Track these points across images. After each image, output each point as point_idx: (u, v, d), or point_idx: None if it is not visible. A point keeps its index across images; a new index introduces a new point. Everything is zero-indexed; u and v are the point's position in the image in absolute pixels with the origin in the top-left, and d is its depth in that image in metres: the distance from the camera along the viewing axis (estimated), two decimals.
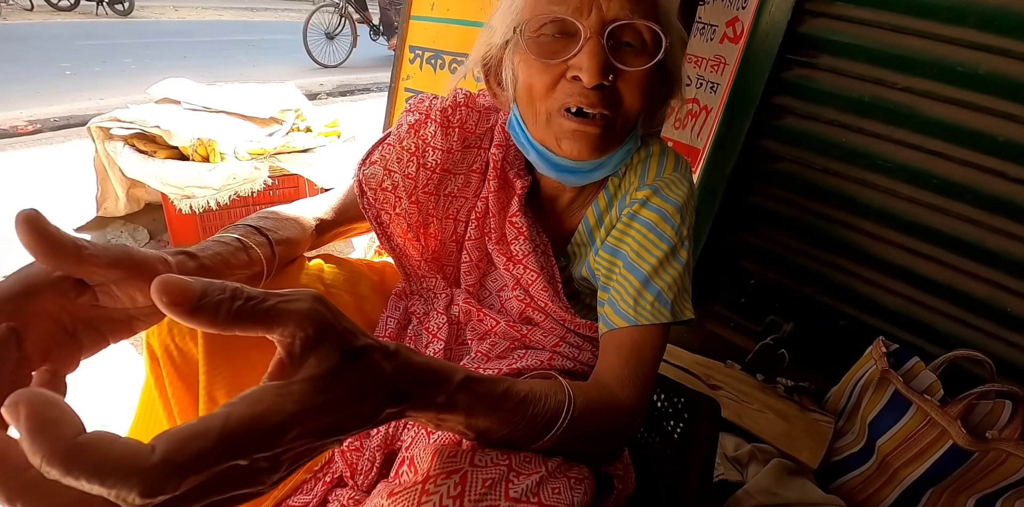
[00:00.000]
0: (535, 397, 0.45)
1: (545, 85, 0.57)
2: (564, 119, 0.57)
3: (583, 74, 0.54)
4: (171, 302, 0.24)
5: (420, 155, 0.68)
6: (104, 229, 2.08)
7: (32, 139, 3.27)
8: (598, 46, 0.54)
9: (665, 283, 0.61)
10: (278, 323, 0.27)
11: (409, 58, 1.57)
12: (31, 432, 0.21)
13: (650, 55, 0.56)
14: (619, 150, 0.63)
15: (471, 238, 0.72)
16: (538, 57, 0.56)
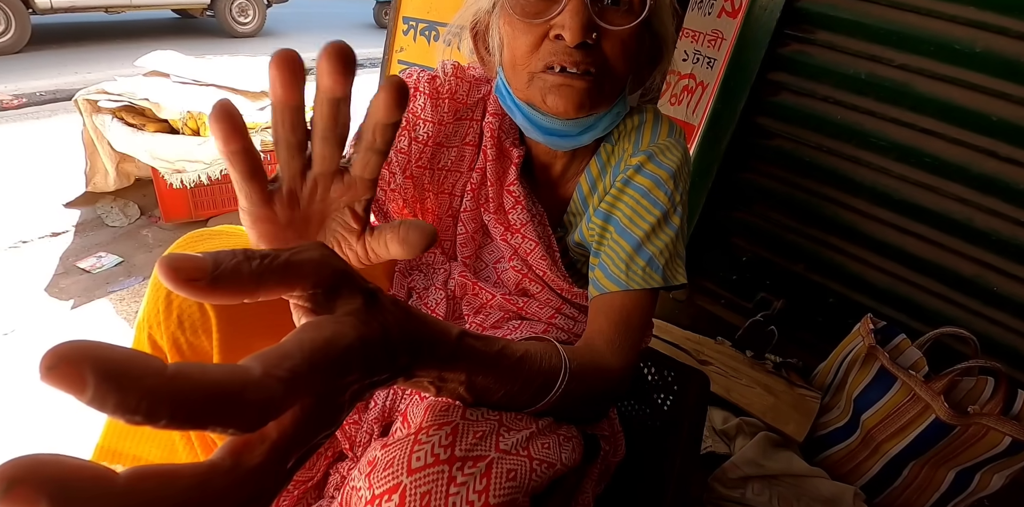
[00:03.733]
0: (531, 357, 0.45)
1: (529, 45, 0.56)
2: (548, 75, 0.56)
3: (565, 32, 0.53)
4: (186, 278, 0.22)
5: (411, 129, 0.67)
6: (94, 204, 2.05)
7: (18, 113, 3.20)
8: (580, 4, 0.52)
9: (657, 248, 0.61)
10: (298, 275, 0.26)
11: (403, 29, 1.54)
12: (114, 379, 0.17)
13: (635, 14, 0.55)
14: (607, 113, 0.62)
15: (466, 209, 0.71)
16: (521, 17, 0.56)
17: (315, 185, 0.37)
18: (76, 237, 1.93)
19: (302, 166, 0.35)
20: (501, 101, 0.66)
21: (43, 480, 0.16)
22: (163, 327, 0.56)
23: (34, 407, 1.17)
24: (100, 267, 1.74)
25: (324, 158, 0.35)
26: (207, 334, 0.57)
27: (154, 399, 0.18)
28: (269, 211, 0.36)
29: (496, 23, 0.60)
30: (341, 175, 0.36)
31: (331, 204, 0.38)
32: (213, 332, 0.57)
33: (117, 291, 1.59)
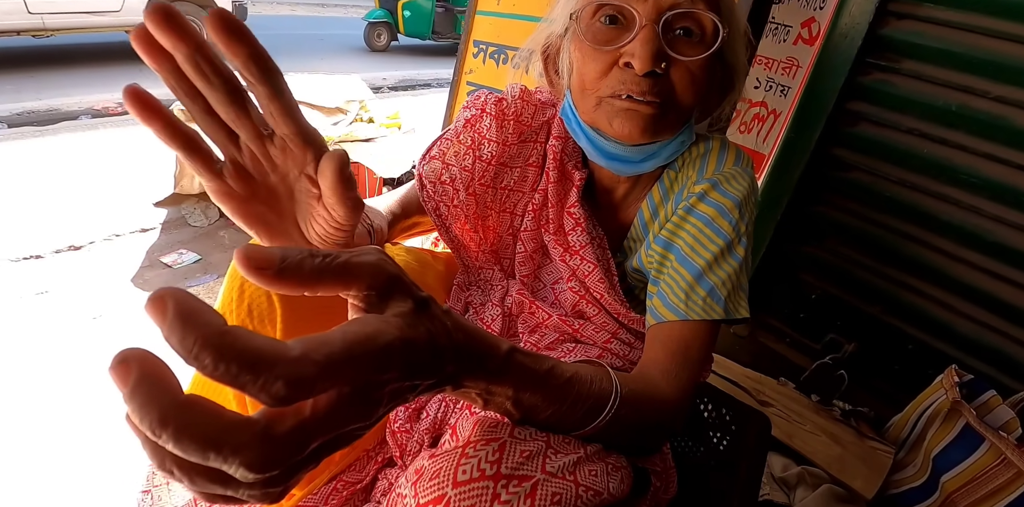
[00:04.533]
0: (580, 379, 0.44)
1: (598, 71, 0.57)
2: (615, 100, 0.57)
3: (635, 61, 0.53)
4: (257, 267, 0.25)
5: (476, 148, 0.69)
6: (179, 205, 2.22)
7: (121, 119, 3.54)
8: (652, 34, 0.53)
9: (719, 279, 0.59)
10: (354, 275, 0.28)
11: (473, 52, 1.59)
12: (183, 319, 0.21)
13: (706, 45, 0.55)
14: (671, 141, 0.61)
15: (527, 229, 0.72)
16: (592, 43, 0.56)
17: (252, 153, 0.39)
18: (162, 234, 2.09)
19: (226, 134, 0.37)
20: (567, 124, 0.66)
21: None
22: (235, 314, 0.60)
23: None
24: (181, 263, 1.88)
25: (235, 122, 0.36)
26: (272, 323, 0.59)
27: (204, 345, 0.20)
28: (225, 185, 0.39)
29: (567, 47, 0.62)
30: (270, 139, 0.38)
31: (286, 174, 0.40)
32: (277, 322, 0.59)
33: (194, 286, 1.70)
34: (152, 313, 0.21)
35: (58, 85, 4.20)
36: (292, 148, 0.38)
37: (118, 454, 1.09)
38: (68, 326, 1.52)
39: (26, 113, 3.59)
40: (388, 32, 7.37)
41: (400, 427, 0.62)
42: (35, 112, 3.62)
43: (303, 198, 0.42)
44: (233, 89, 0.35)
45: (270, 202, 0.42)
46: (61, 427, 1.15)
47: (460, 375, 0.33)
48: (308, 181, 0.40)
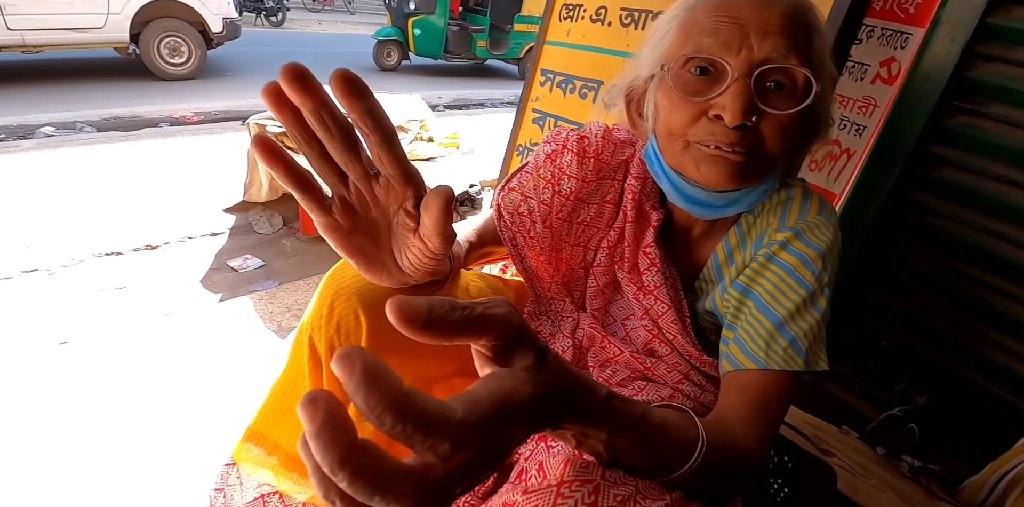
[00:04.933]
0: (669, 426, 0.44)
1: (686, 120, 0.57)
2: (703, 146, 0.57)
3: (725, 114, 0.53)
4: (407, 319, 0.27)
5: (556, 183, 0.71)
6: (247, 212, 2.35)
7: (197, 128, 3.78)
8: (744, 87, 0.53)
9: (801, 330, 0.58)
10: (488, 327, 0.30)
11: (540, 80, 1.63)
12: (369, 380, 0.23)
13: (798, 99, 0.55)
14: (756, 189, 0.61)
15: (600, 264, 0.73)
16: (682, 94, 0.57)
17: (359, 191, 0.43)
18: (229, 239, 2.21)
19: (338, 175, 0.41)
20: (648, 165, 0.67)
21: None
22: (323, 331, 0.63)
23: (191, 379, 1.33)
24: (245, 267, 1.97)
25: (345, 164, 0.41)
26: (357, 341, 0.62)
27: (387, 407, 0.23)
28: (333, 220, 0.43)
29: (653, 92, 0.62)
30: (376, 178, 0.42)
31: (386, 209, 0.44)
32: (362, 341, 0.62)
33: (257, 291, 1.78)
34: (340, 370, 0.23)
35: (142, 95, 4.54)
36: (395, 186, 0.42)
37: (186, 447, 1.14)
38: (142, 321, 1.62)
39: (113, 119, 3.89)
40: (399, 51, 7.08)
41: None
42: (121, 118, 3.92)
43: (399, 230, 0.45)
44: (349, 138, 0.39)
45: (370, 234, 0.46)
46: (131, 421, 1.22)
47: (562, 419, 0.35)
48: (406, 215, 0.44)
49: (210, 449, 1.12)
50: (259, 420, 0.73)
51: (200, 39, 5.09)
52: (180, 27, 4.90)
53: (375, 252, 0.47)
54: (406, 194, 0.43)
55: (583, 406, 0.36)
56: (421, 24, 6.74)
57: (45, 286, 1.79)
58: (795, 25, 0.55)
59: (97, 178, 2.67)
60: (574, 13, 1.58)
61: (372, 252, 0.47)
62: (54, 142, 3.19)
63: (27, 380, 1.31)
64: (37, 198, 2.40)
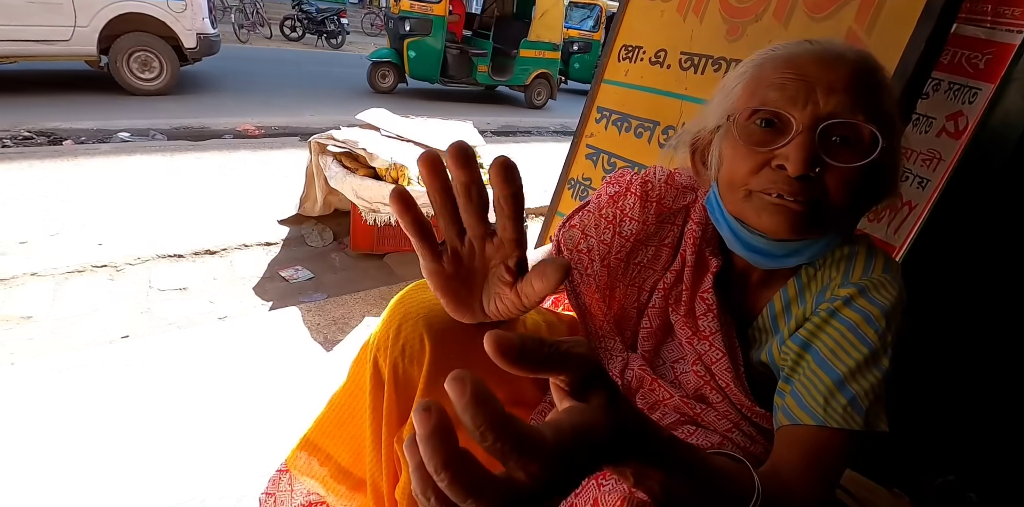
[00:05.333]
0: (725, 473, 0.45)
1: (749, 170, 0.59)
2: (766, 195, 0.58)
3: (788, 164, 0.55)
4: (502, 352, 0.30)
5: (617, 224, 0.73)
6: (300, 225, 2.45)
7: (258, 141, 3.99)
8: (807, 140, 0.54)
9: (862, 388, 0.57)
10: (568, 365, 0.32)
11: (596, 117, 1.67)
12: (477, 401, 0.26)
13: (863, 154, 0.55)
14: (818, 241, 0.61)
15: (655, 306, 0.74)
16: (747, 144, 0.58)
17: (471, 246, 0.50)
18: (282, 249, 2.30)
19: (458, 231, 0.48)
20: (710, 212, 0.69)
21: None
22: (388, 352, 0.66)
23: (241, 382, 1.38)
24: (296, 278, 2.05)
25: (471, 226, 0.47)
26: (419, 365, 0.65)
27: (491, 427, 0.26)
28: (439, 266, 0.50)
29: (718, 143, 0.64)
30: (491, 238, 0.49)
31: (488, 261, 0.50)
32: (424, 364, 0.65)
33: (306, 302, 1.85)
34: (452, 390, 0.27)
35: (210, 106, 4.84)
36: (505, 246, 0.49)
37: (235, 449, 1.18)
38: (199, 322, 1.70)
39: (183, 128, 4.16)
40: (394, 73, 6.70)
41: None
42: (190, 128, 4.19)
43: (494, 281, 0.51)
44: (483, 206, 0.46)
45: (467, 281, 0.52)
46: (183, 419, 1.27)
47: (625, 458, 0.36)
48: (506, 271, 0.49)
49: (257, 453, 1.16)
50: (315, 431, 0.76)
51: (172, 54, 4.96)
52: (151, 42, 4.83)
53: (466, 296, 0.53)
54: (513, 254, 0.49)
55: (645, 445, 0.37)
56: (416, 46, 6.44)
57: (113, 282, 1.91)
58: (862, 83, 0.56)
59: (165, 183, 2.85)
60: (633, 54, 1.63)
61: (464, 296, 0.53)
62: (129, 147, 3.43)
63: (89, 371, 1.39)
64: (111, 198, 2.57)
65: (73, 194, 2.55)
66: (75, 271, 1.91)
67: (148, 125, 4.06)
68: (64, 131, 3.72)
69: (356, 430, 0.72)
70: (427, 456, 0.26)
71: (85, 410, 1.26)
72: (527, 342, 0.31)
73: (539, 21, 6.94)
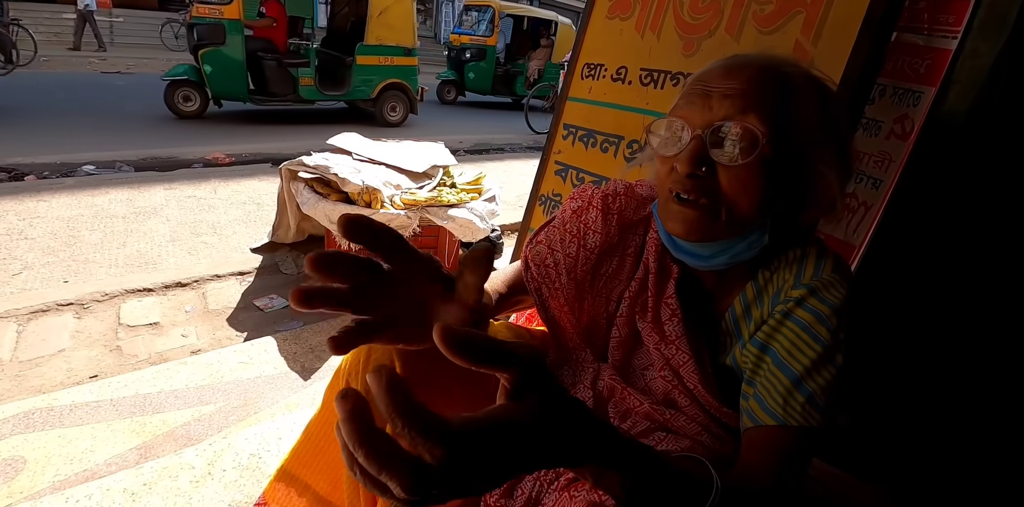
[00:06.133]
0: (685, 473, 0.47)
1: (663, 173, 0.65)
2: (672, 202, 0.63)
3: (678, 164, 0.61)
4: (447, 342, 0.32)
5: (581, 237, 0.75)
6: (274, 253, 2.42)
7: (229, 169, 3.96)
8: (696, 142, 0.60)
9: (818, 386, 0.59)
10: (508, 363, 0.34)
11: (563, 134, 1.71)
12: (389, 392, 0.30)
13: (747, 152, 0.58)
14: (739, 241, 0.64)
15: (622, 315, 0.75)
16: (660, 151, 0.64)
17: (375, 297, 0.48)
18: (256, 279, 2.27)
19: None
20: (656, 221, 0.72)
21: None
22: (360, 377, 0.66)
23: (218, 416, 1.35)
24: (271, 307, 2.02)
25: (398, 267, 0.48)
26: None
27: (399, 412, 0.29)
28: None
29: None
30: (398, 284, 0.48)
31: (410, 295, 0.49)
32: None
33: (282, 331, 1.82)
34: (372, 381, 0.30)
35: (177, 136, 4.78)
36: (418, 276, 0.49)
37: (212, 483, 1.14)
38: (172, 357, 1.65)
39: (150, 159, 4.09)
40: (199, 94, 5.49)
41: (495, 502, 0.64)
42: (158, 158, 4.13)
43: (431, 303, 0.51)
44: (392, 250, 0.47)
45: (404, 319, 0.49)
46: (162, 457, 1.23)
47: (582, 461, 0.38)
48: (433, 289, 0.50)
49: (237, 486, 1.13)
50: (292, 460, 0.75)
51: None
52: None
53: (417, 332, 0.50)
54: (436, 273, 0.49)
55: (603, 450, 0.39)
56: (212, 58, 5.23)
57: (80, 320, 1.85)
58: (761, 87, 0.59)
59: (133, 216, 2.79)
60: (595, 72, 1.68)
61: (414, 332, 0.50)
62: (94, 180, 3.36)
63: (56, 415, 1.34)
64: (76, 233, 2.51)
65: (36, 231, 2.48)
66: (39, 311, 1.85)
67: (114, 157, 3.99)
68: (26, 166, 3.63)
69: (333, 457, 0.71)
70: (346, 435, 0.29)
71: (53, 454, 1.21)
72: (472, 335, 0.33)
73: (377, 21, 5.89)
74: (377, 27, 5.89)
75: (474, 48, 8.60)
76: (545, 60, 8.95)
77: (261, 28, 5.54)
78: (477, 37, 8.62)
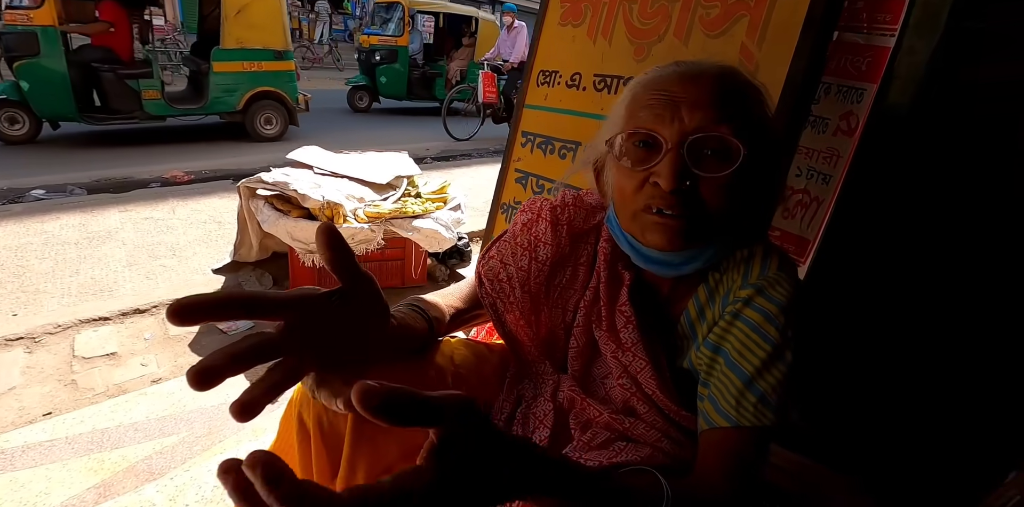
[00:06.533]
0: (632, 486, 0.47)
1: (632, 188, 0.62)
2: (649, 215, 0.61)
3: (661, 180, 0.59)
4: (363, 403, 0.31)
5: (532, 250, 0.75)
6: (237, 272, 2.35)
7: (188, 188, 3.84)
8: (676, 156, 0.58)
9: (770, 385, 0.60)
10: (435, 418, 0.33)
11: (521, 142, 1.71)
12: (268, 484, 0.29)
13: (731, 162, 0.59)
14: (709, 247, 0.65)
15: (579, 324, 0.75)
16: (626, 165, 0.62)
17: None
18: None
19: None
20: (611, 229, 0.72)
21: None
22: (311, 406, 0.65)
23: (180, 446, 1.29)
24: (235, 329, 1.96)
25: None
26: (344, 417, 0.63)
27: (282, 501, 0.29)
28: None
29: (611, 164, 0.67)
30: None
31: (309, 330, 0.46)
32: (349, 416, 0.63)
33: None
34: (247, 472, 0.30)
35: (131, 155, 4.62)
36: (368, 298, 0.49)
37: None
38: (131, 389, 1.59)
39: (104, 180, 3.95)
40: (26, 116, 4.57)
41: None
42: (112, 179, 3.98)
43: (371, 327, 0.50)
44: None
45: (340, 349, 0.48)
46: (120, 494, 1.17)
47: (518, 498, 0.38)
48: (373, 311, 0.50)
49: None
50: None
51: None
52: None
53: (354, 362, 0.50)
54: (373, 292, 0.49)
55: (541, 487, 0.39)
56: (29, 71, 4.33)
57: (31, 355, 1.76)
58: (725, 95, 0.60)
59: (86, 241, 2.68)
60: (551, 79, 1.68)
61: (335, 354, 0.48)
62: (44, 206, 3.22)
63: (7, 457, 1.27)
64: (25, 262, 2.40)
65: None
66: None
67: (65, 180, 3.84)
68: None
69: None
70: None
71: (5, 501, 1.14)
72: (392, 394, 0.31)
73: (235, 21, 4.88)
74: (235, 28, 4.87)
75: (384, 49, 7.48)
76: (468, 60, 7.96)
77: (96, 34, 4.69)
78: (387, 37, 7.49)
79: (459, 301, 0.78)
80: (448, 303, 0.76)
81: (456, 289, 0.80)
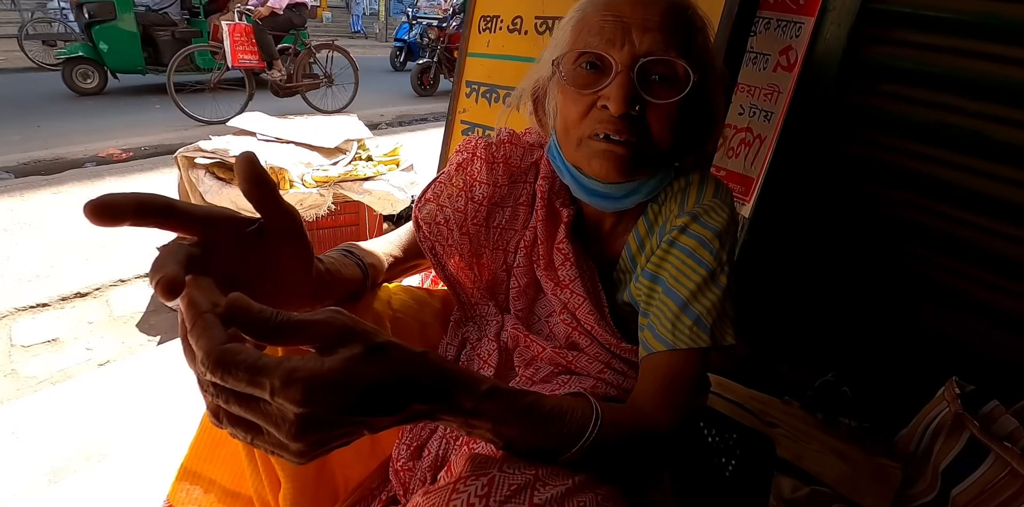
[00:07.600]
0: (561, 411, 0.47)
1: (579, 113, 0.60)
2: (595, 141, 0.60)
3: (610, 104, 0.57)
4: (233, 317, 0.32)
5: (468, 190, 0.73)
6: None
7: (126, 165, 3.62)
8: (626, 79, 0.56)
9: (704, 307, 0.60)
10: (308, 332, 0.34)
11: (465, 92, 1.65)
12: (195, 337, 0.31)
13: (680, 88, 0.58)
14: (651, 179, 0.64)
15: (519, 265, 0.74)
16: (574, 88, 0.60)
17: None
18: None
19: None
20: (552, 162, 0.70)
21: None
22: None
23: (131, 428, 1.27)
24: None
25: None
26: None
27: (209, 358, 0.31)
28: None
29: (553, 90, 0.65)
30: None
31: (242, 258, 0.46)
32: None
33: None
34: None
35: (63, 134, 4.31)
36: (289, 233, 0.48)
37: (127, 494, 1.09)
38: (77, 374, 1.53)
39: (33, 162, 3.67)
40: None
41: (403, 465, 0.63)
42: (42, 161, 3.71)
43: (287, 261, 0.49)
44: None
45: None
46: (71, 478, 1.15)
47: (434, 412, 0.39)
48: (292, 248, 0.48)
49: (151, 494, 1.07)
50: (191, 458, 0.71)
51: None
52: None
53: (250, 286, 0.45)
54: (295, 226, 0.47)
55: (456, 401, 0.39)
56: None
57: None
58: (675, 21, 0.58)
59: (17, 226, 2.52)
60: (492, 24, 1.61)
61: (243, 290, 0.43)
62: None
63: None
64: None
65: None
66: None
67: None
68: None
69: (231, 447, 0.68)
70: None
71: None
72: (264, 312, 0.32)
73: None
74: None
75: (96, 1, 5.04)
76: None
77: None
78: None
79: (398, 249, 0.76)
80: (386, 251, 0.74)
81: (395, 236, 0.78)
